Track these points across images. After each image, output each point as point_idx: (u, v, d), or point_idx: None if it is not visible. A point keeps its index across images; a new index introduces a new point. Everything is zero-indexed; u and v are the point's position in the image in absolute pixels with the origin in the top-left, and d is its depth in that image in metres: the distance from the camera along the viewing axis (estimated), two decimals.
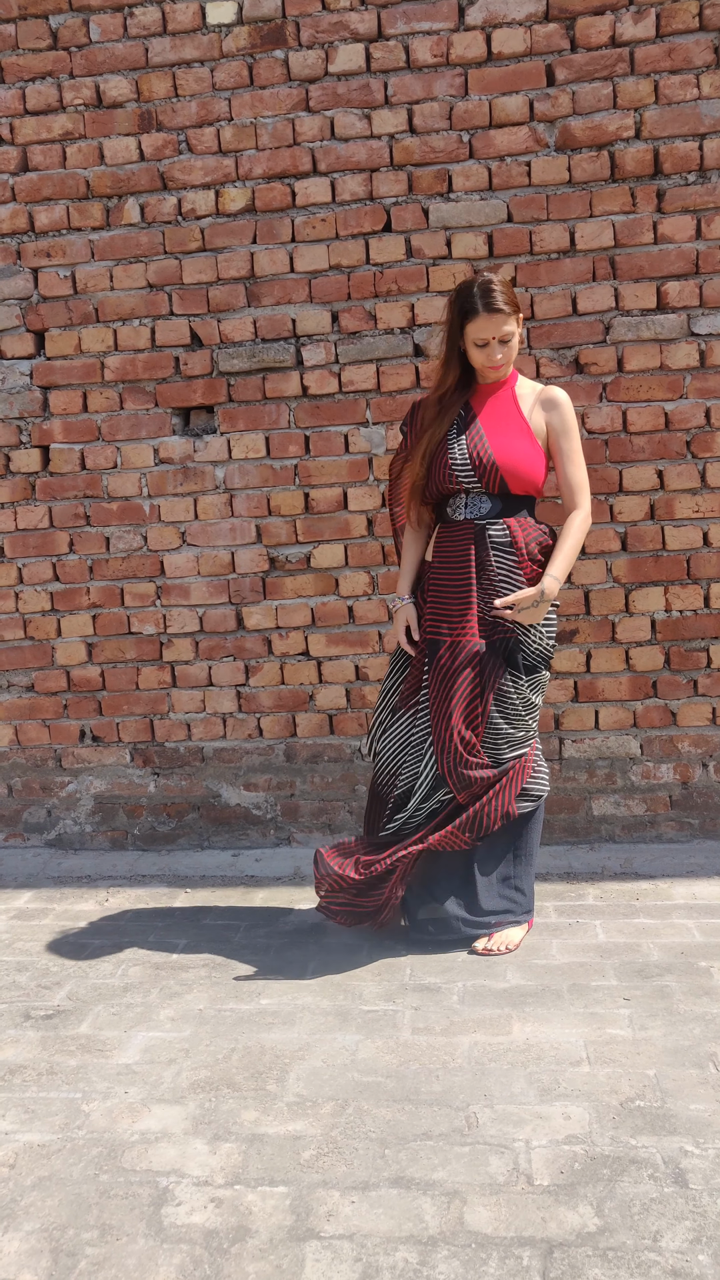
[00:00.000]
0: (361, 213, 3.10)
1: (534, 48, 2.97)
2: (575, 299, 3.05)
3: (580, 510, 2.50)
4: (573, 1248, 1.51)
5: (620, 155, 2.98)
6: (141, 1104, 1.95)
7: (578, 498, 2.51)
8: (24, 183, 3.23)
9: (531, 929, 2.61)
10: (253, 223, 3.15)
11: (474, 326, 2.40)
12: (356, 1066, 2.03)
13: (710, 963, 2.39)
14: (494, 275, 2.42)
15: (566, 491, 2.52)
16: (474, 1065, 2.01)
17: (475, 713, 2.47)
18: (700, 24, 2.91)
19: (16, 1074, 2.08)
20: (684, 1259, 1.47)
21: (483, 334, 2.40)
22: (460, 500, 2.49)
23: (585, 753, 3.19)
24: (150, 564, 3.32)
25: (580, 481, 2.52)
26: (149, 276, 3.21)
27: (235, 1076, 2.02)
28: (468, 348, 2.45)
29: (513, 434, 2.46)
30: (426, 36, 3.00)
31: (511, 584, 2.44)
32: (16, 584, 3.40)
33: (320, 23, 3.03)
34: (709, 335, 3.03)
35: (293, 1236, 1.57)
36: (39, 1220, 1.64)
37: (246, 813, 3.37)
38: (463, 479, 2.45)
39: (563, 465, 2.50)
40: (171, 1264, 1.53)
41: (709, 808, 3.17)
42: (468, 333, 2.42)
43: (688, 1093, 1.88)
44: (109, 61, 3.14)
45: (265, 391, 3.20)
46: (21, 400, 3.31)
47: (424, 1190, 1.65)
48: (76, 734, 3.43)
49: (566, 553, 2.47)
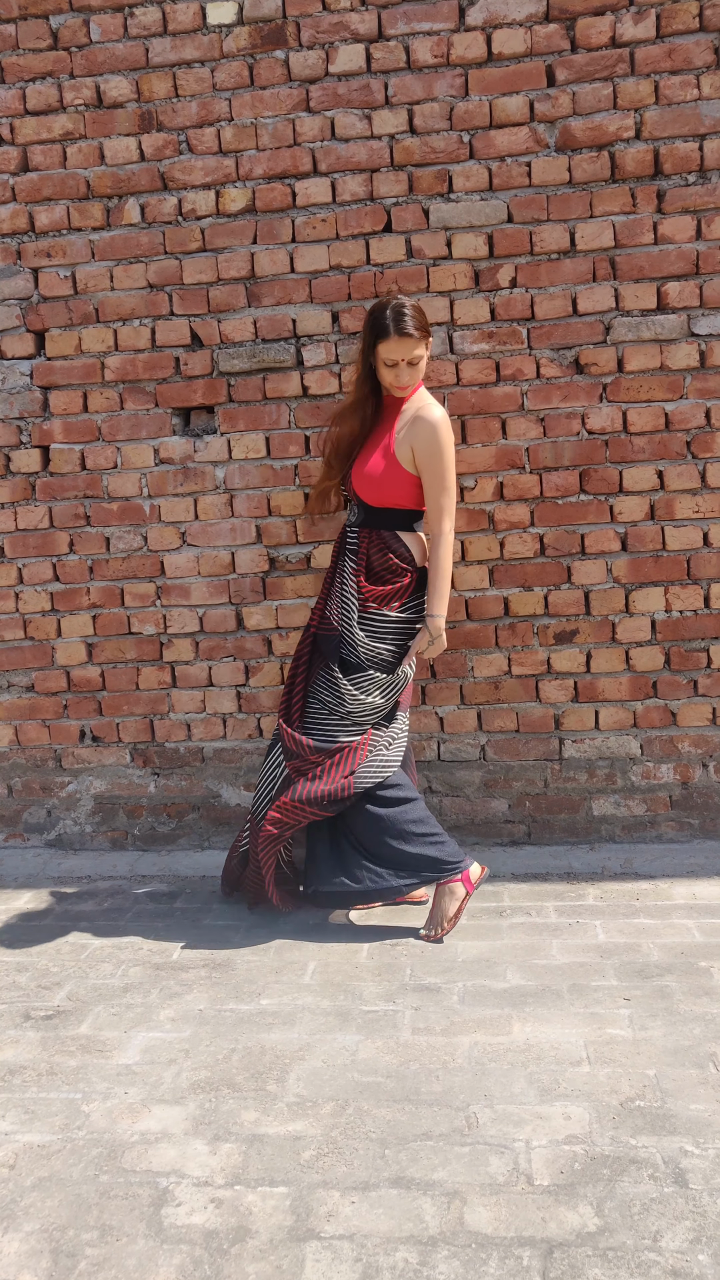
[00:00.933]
0: (362, 213, 3.10)
1: (534, 48, 2.97)
2: (575, 299, 3.05)
3: (438, 536, 2.65)
4: (573, 1248, 1.51)
5: (620, 156, 2.98)
6: (141, 1104, 1.95)
7: (435, 521, 2.65)
8: (24, 183, 3.23)
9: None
10: (253, 223, 3.15)
11: (385, 347, 2.56)
12: (357, 1067, 2.03)
13: (710, 963, 2.39)
14: (408, 300, 2.60)
15: (432, 514, 2.66)
16: (474, 1065, 2.01)
17: (299, 691, 2.77)
18: (700, 24, 2.91)
19: (16, 1074, 2.08)
20: (684, 1259, 1.47)
21: (392, 355, 2.57)
22: (352, 506, 2.77)
23: (585, 753, 3.19)
24: (150, 564, 3.32)
25: (438, 504, 2.64)
26: (149, 277, 3.21)
27: (235, 1077, 2.02)
28: (378, 366, 2.62)
29: (377, 455, 2.67)
30: (427, 37, 3.00)
31: (345, 588, 2.69)
32: (17, 584, 3.39)
33: (321, 23, 3.03)
34: (709, 336, 3.03)
35: (293, 1237, 1.57)
36: (39, 1221, 1.64)
37: (246, 813, 3.36)
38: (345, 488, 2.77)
39: (425, 486, 2.66)
40: (171, 1264, 1.53)
41: (709, 808, 3.17)
42: (379, 352, 2.58)
43: (688, 1093, 1.88)
44: (109, 62, 3.15)
45: (265, 392, 3.20)
46: (22, 400, 3.31)
47: (424, 1190, 1.65)
48: (76, 734, 3.43)
49: (438, 587, 2.65)
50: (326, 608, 2.77)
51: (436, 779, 3.26)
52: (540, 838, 3.22)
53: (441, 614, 2.66)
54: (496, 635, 3.18)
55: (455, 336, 3.10)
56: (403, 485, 2.66)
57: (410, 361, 2.59)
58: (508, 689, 3.19)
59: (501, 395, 3.10)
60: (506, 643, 3.18)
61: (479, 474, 3.13)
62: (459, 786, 3.25)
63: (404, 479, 2.65)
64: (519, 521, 3.14)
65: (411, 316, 2.55)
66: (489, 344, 3.09)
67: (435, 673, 3.22)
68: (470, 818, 3.25)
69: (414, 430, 2.64)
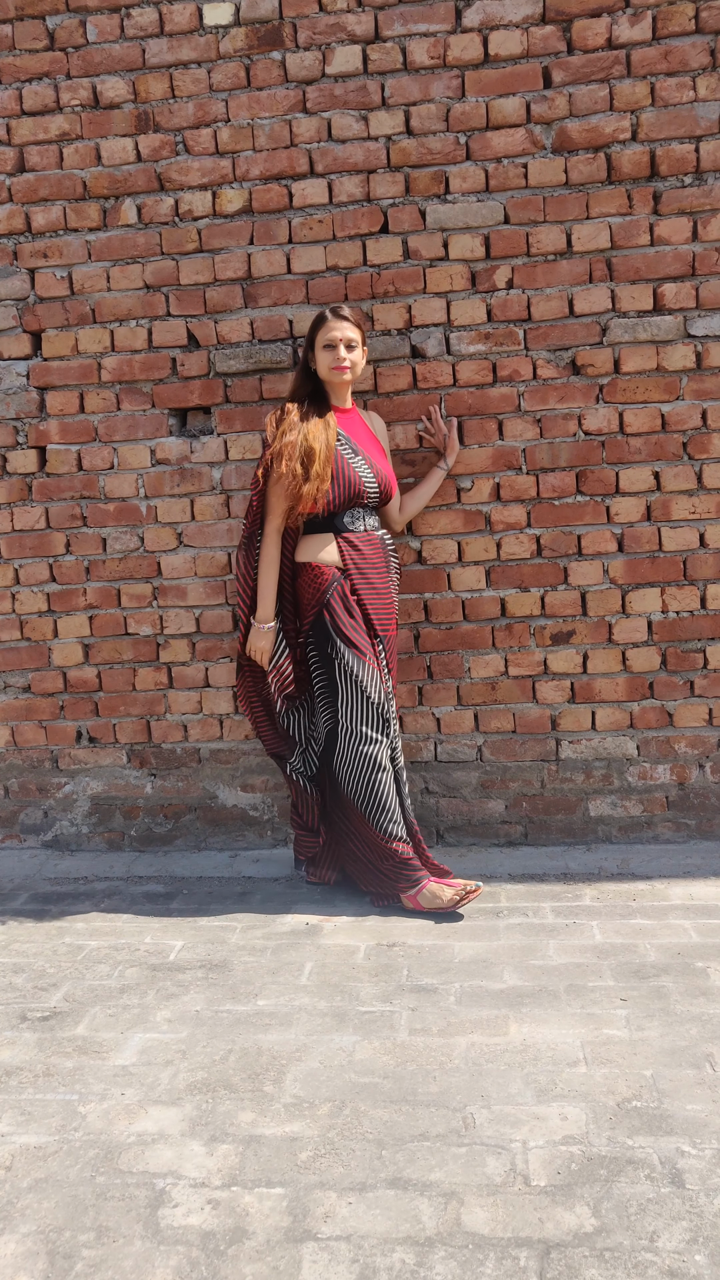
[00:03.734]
0: (359, 214, 3.10)
1: (531, 50, 2.97)
2: (572, 300, 3.05)
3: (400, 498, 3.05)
4: (570, 1248, 1.51)
5: (617, 157, 2.99)
6: (138, 1105, 1.94)
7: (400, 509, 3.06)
8: (21, 183, 3.23)
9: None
10: (250, 224, 3.15)
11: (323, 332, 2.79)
12: (353, 1067, 2.02)
13: (707, 963, 2.39)
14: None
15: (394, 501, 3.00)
16: (471, 1066, 2.01)
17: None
18: (697, 26, 2.91)
19: (13, 1076, 2.07)
20: (680, 1259, 1.47)
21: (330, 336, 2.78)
22: (359, 514, 2.86)
23: (582, 754, 3.20)
24: (147, 565, 3.32)
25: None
26: (146, 277, 3.21)
27: (232, 1078, 2.02)
28: (317, 356, 2.82)
29: (384, 456, 2.93)
30: (424, 38, 3.00)
31: (389, 595, 2.91)
32: (13, 585, 3.39)
33: (317, 24, 3.04)
34: (705, 337, 3.03)
35: (290, 1238, 1.57)
36: (35, 1222, 1.64)
37: (244, 814, 3.36)
38: (370, 496, 2.84)
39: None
40: (168, 1266, 1.53)
41: (705, 808, 3.17)
42: (318, 340, 2.80)
43: (684, 1093, 1.88)
44: (106, 62, 3.14)
45: (262, 392, 3.20)
46: (18, 401, 3.31)
47: (421, 1191, 1.65)
48: (73, 735, 3.42)
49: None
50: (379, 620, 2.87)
51: (433, 780, 3.26)
52: (537, 838, 3.23)
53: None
54: (493, 636, 3.18)
55: (452, 338, 3.10)
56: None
57: (348, 344, 2.78)
58: (504, 690, 3.19)
59: (498, 396, 3.11)
60: (503, 643, 3.18)
61: (476, 475, 3.14)
62: (456, 787, 3.25)
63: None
64: (515, 522, 3.14)
65: (345, 306, 2.86)
66: (485, 345, 3.09)
67: (432, 673, 3.22)
68: (467, 818, 3.25)
69: (379, 426, 2.99)
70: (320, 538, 2.84)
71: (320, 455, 2.72)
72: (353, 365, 2.80)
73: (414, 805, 3.26)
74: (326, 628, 2.80)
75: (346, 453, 2.81)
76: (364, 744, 2.79)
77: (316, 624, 2.82)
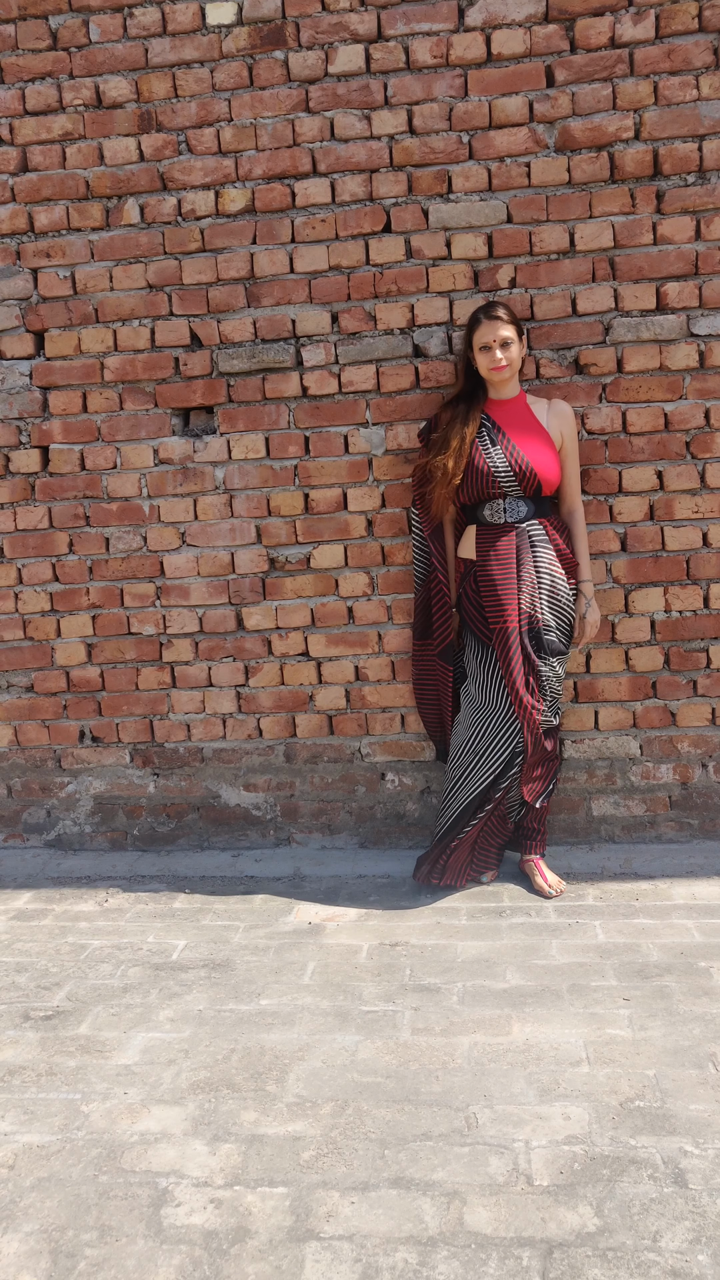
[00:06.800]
0: (361, 213, 3.10)
1: (534, 49, 2.97)
2: (575, 300, 3.05)
3: (580, 509, 2.96)
4: (572, 1248, 1.51)
5: (620, 156, 2.98)
6: (141, 1105, 1.95)
7: (577, 497, 2.96)
8: (24, 183, 3.23)
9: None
10: (252, 223, 3.15)
11: (478, 334, 2.79)
12: (356, 1067, 2.03)
13: (710, 963, 2.39)
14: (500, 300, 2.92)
15: (573, 491, 2.95)
16: (474, 1066, 2.01)
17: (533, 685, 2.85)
18: (700, 25, 2.91)
19: (16, 1075, 2.08)
20: (683, 1259, 1.47)
21: (484, 339, 2.78)
22: (499, 505, 2.82)
23: (585, 753, 3.20)
24: (150, 564, 3.32)
25: (578, 483, 2.97)
26: (149, 277, 3.21)
27: (235, 1077, 2.02)
28: (475, 357, 2.81)
29: (539, 443, 2.83)
30: (426, 37, 3.00)
31: (554, 575, 2.82)
32: (16, 584, 3.39)
33: (320, 23, 3.04)
34: (708, 336, 3.03)
35: (292, 1237, 1.57)
36: (38, 1221, 1.64)
37: (246, 813, 3.37)
38: (504, 485, 2.78)
39: (569, 468, 2.92)
40: (171, 1265, 1.53)
41: (708, 808, 3.17)
42: (474, 341, 2.80)
43: (687, 1093, 1.88)
44: (109, 62, 3.15)
45: (265, 392, 3.20)
46: (21, 401, 3.31)
47: (424, 1191, 1.65)
48: (76, 734, 3.43)
49: (586, 554, 2.95)
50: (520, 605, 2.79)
51: (437, 780, 3.26)
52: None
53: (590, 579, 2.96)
54: None
55: (455, 337, 3.10)
56: (559, 470, 2.87)
57: (502, 344, 2.77)
58: None
59: None
60: None
61: None
62: None
63: (559, 464, 2.88)
64: None
65: (500, 304, 2.81)
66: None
67: None
68: None
69: (557, 413, 2.89)
70: (468, 530, 2.92)
71: (453, 450, 2.80)
72: (510, 363, 2.79)
73: (416, 806, 3.27)
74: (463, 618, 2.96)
75: (484, 443, 2.82)
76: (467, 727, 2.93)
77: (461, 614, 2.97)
